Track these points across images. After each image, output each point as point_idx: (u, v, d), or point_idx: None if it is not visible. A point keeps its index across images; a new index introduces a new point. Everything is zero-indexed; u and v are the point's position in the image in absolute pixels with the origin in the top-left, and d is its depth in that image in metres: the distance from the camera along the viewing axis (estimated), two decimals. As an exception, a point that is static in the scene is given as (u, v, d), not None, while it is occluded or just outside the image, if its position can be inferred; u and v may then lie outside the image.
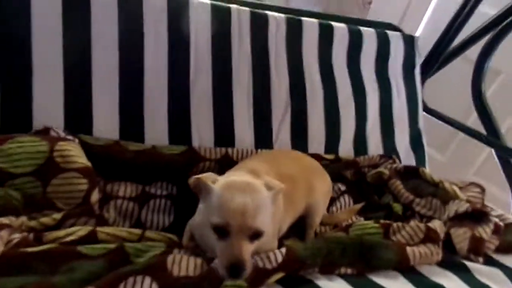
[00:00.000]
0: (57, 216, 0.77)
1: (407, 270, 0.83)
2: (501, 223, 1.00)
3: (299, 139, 1.27)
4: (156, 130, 1.07)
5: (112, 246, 0.71)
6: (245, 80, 1.21)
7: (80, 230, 0.73)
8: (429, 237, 0.89)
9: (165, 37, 1.09)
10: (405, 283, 0.79)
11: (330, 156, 1.28)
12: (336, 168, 1.25)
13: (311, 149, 1.28)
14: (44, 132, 0.90)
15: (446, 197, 1.06)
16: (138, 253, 0.71)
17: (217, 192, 0.68)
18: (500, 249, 0.96)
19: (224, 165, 1.07)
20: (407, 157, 1.46)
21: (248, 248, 0.65)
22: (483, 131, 1.47)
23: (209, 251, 0.74)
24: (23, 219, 0.72)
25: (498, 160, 1.47)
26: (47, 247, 0.66)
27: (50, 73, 0.97)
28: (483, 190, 1.12)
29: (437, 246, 0.88)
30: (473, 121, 1.63)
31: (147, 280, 0.62)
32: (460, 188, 1.13)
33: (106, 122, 1.02)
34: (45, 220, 0.75)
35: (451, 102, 1.65)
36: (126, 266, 0.66)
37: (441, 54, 1.52)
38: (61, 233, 0.73)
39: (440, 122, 1.54)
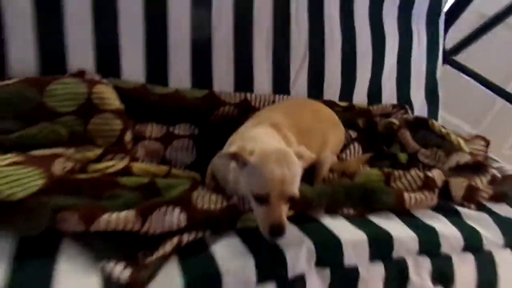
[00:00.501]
0: (98, 151, 0.88)
1: (403, 212, 0.94)
2: (499, 175, 1.07)
3: (315, 86, 1.34)
4: (179, 74, 1.15)
5: (145, 180, 0.83)
6: (265, 29, 1.25)
7: (118, 164, 0.85)
8: (427, 184, 0.98)
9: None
10: (399, 223, 0.90)
11: (343, 104, 1.34)
12: (349, 115, 1.31)
13: (326, 96, 1.35)
14: (79, 75, 0.99)
15: (451, 148, 1.13)
16: (167, 187, 0.83)
17: (256, 165, 0.75)
18: (494, 198, 1.05)
19: (243, 109, 1.16)
20: (421, 108, 1.51)
21: (285, 212, 0.75)
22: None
23: (228, 190, 0.85)
24: (71, 151, 0.83)
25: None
26: (92, 176, 0.78)
27: (81, 20, 1.03)
28: (487, 143, 1.18)
29: (432, 192, 0.97)
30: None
31: (177, 209, 0.74)
32: (466, 141, 1.19)
33: (133, 67, 1.10)
34: (88, 154, 0.86)
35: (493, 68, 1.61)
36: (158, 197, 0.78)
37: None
38: (101, 166, 0.85)
39: (474, 95, 1.51)
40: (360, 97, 1.41)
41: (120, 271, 0.63)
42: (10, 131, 0.81)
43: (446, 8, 1.52)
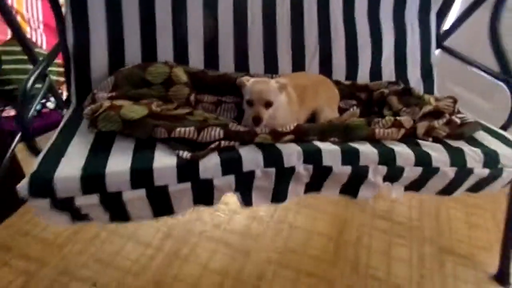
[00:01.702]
0: (174, 105, 1.44)
1: (374, 142, 1.34)
2: (457, 120, 1.43)
3: (325, 69, 1.78)
4: (226, 62, 1.69)
5: (201, 118, 1.36)
6: (285, 27, 1.73)
7: (186, 110, 1.40)
8: (394, 124, 1.37)
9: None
10: (368, 146, 1.29)
11: (347, 82, 1.77)
12: (351, 90, 1.74)
13: (335, 77, 1.78)
14: (165, 63, 1.57)
15: (423, 104, 1.51)
16: (214, 121, 1.35)
17: (248, 84, 1.30)
18: (451, 137, 1.39)
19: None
20: (417, 86, 1.86)
21: (263, 111, 1.26)
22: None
23: (249, 126, 1.34)
24: (161, 102, 1.40)
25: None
26: (172, 113, 1.34)
27: (166, 32, 1.63)
28: (455, 100, 1.52)
29: (397, 129, 1.36)
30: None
31: (218, 128, 1.24)
32: (437, 100, 1.55)
33: (196, 58, 1.66)
34: (169, 106, 1.42)
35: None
36: (208, 124, 1.31)
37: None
38: (177, 111, 1.40)
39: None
40: (363, 78, 1.82)
41: (186, 154, 1.16)
42: (128, 91, 1.42)
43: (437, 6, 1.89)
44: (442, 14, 1.90)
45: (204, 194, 1.17)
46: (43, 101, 2.06)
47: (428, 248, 1.80)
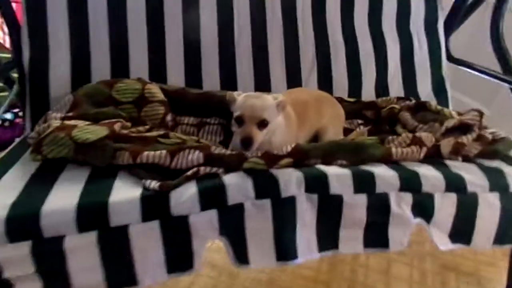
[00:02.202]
0: (147, 126, 1.20)
1: (391, 163, 1.08)
2: (489, 135, 1.18)
3: (325, 87, 1.55)
4: (211, 78, 1.46)
5: (178, 140, 1.11)
6: (278, 42, 1.54)
7: (159, 131, 1.15)
8: (414, 142, 1.12)
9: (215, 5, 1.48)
10: (385, 168, 1.04)
11: (351, 99, 1.54)
12: (356, 108, 1.51)
13: (336, 95, 1.55)
14: (137, 80, 1.35)
15: (443, 119, 1.27)
16: (193, 144, 1.10)
17: (239, 99, 1.06)
18: (484, 155, 1.14)
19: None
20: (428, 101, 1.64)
21: (256, 132, 1.00)
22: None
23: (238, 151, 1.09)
24: (129, 124, 1.16)
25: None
26: (141, 135, 1.08)
27: (140, 44, 1.42)
28: (481, 114, 1.29)
29: (419, 147, 1.11)
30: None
31: (197, 151, 0.99)
32: (460, 114, 1.31)
33: (175, 74, 1.44)
34: (140, 128, 1.18)
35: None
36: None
37: (464, 3, 1.66)
38: (148, 134, 1.15)
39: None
40: (368, 95, 1.60)
41: (154, 184, 0.89)
42: (88, 110, 1.17)
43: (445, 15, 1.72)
44: (449, 23, 1.72)
45: (179, 242, 0.88)
46: (16, 110, 1.81)
47: (430, 265, 1.66)
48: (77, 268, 0.81)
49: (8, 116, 1.78)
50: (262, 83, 1.51)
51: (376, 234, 1.00)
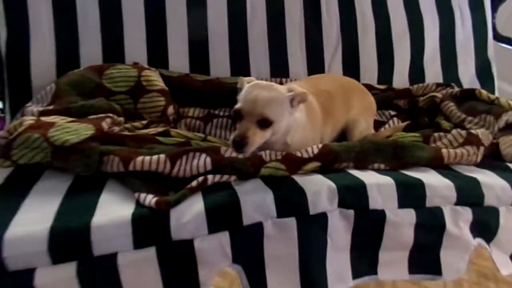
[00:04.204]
0: (144, 121, 1.01)
1: (441, 167, 0.89)
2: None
3: (351, 72, 1.36)
4: (220, 64, 1.26)
5: (181, 140, 0.92)
6: (297, 19, 1.33)
7: (159, 128, 0.96)
8: (469, 140, 0.93)
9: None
10: (435, 174, 0.85)
11: (381, 86, 1.34)
12: (387, 96, 1.30)
13: (364, 81, 1.35)
14: (132, 65, 1.15)
15: (501, 111, 1.05)
16: (199, 144, 0.91)
17: (245, 88, 0.85)
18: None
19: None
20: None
21: (254, 132, 0.80)
22: None
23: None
24: (122, 119, 0.97)
25: None
26: (136, 134, 0.89)
27: (136, 22, 1.21)
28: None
29: (476, 147, 0.91)
30: None
31: (203, 155, 0.80)
32: (520, 104, 1.09)
33: (178, 59, 1.24)
34: (136, 124, 0.99)
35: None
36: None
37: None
38: (145, 130, 0.96)
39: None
40: (400, 80, 1.39)
41: (150, 198, 0.71)
42: (73, 103, 0.98)
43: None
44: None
45: (181, 273, 0.70)
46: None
47: (466, 274, 1.43)
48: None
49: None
50: (279, 69, 1.31)
51: (426, 258, 0.81)
